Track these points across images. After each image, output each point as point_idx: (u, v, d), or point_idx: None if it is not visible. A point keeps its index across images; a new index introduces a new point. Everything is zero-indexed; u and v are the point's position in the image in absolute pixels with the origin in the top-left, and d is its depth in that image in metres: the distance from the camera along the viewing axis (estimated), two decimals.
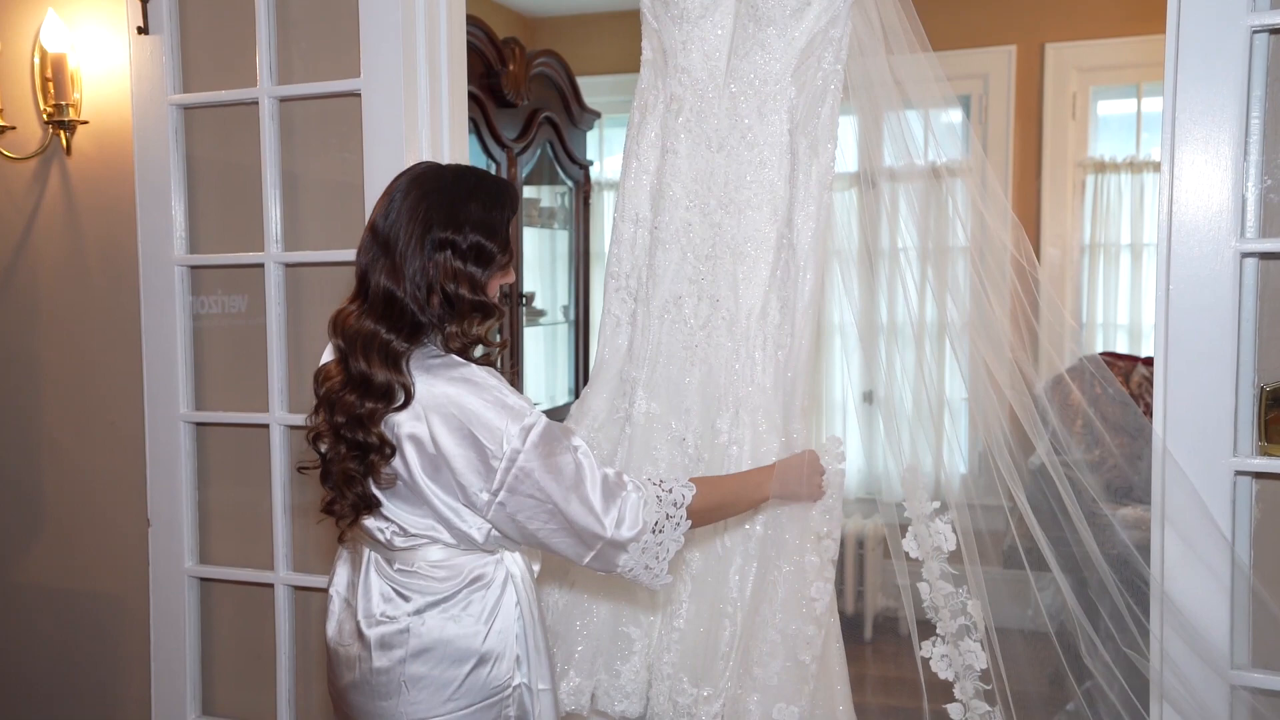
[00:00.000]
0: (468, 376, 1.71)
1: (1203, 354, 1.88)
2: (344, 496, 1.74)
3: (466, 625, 1.76)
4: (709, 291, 2.07)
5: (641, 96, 2.17)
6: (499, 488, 1.68)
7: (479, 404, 1.68)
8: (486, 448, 1.67)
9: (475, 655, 1.76)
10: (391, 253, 1.70)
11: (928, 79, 2.02)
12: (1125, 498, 1.99)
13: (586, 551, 1.74)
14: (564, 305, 4.81)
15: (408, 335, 1.70)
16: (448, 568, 1.77)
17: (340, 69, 2.46)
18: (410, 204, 1.72)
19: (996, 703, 1.94)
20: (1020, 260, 1.98)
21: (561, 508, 1.70)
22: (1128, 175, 4.78)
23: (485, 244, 1.72)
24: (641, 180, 2.16)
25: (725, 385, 2.05)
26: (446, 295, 1.71)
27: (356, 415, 1.69)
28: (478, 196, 1.75)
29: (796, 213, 2.02)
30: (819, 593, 1.91)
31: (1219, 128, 1.85)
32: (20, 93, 2.77)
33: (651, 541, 1.76)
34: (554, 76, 4.45)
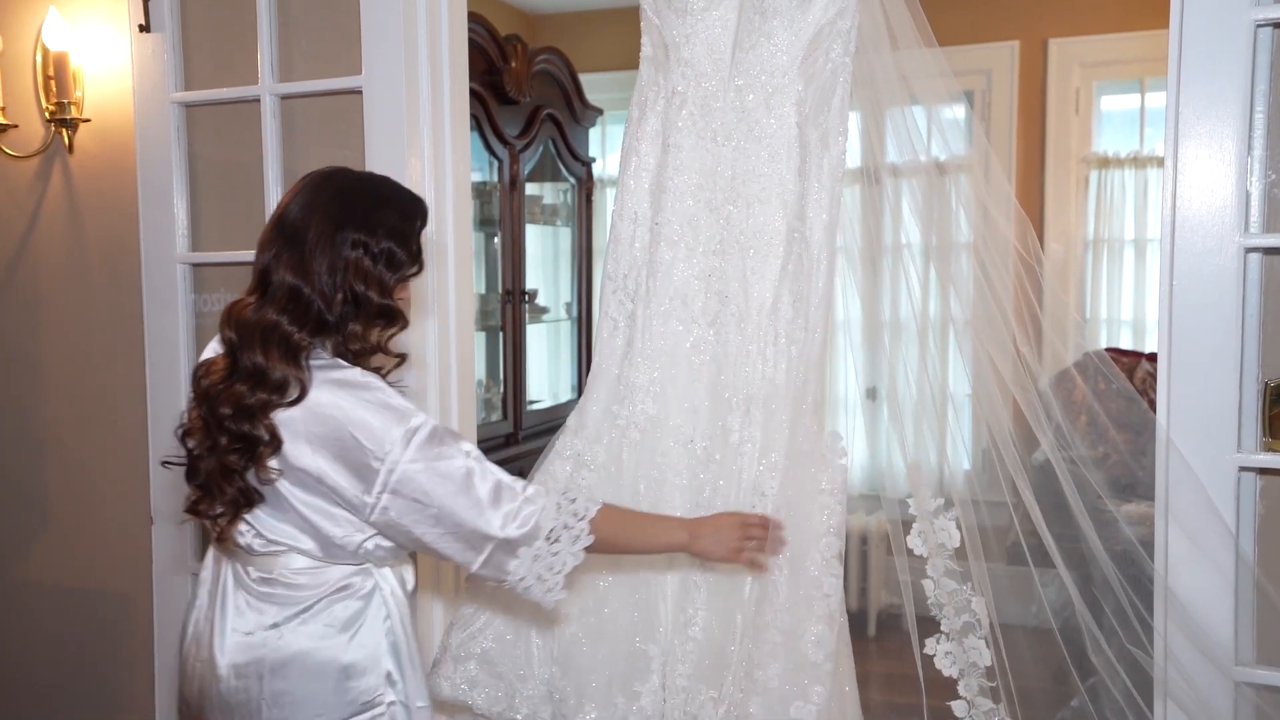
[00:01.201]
0: (349, 379, 1.68)
1: (1206, 350, 1.88)
2: (222, 492, 1.67)
3: (326, 637, 1.71)
4: (717, 287, 2.04)
5: (641, 93, 2.14)
6: (381, 490, 1.64)
7: (360, 406, 1.65)
8: (368, 449, 1.63)
9: (338, 668, 1.70)
10: (299, 247, 1.67)
11: (932, 74, 2.01)
12: (1129, 494, 1.98)
13: (476, 556, 1.69)
14: (566, 302, 4.80)
15: (310, 331, 1.68)
16: (309, 576, 1.72)
17: (341, 66, 2.46)
18: (323, 200, 1.70)
19: (1001, 699, 1.94)
20: (1024, 254, 1.97)
21: (449, 510, 1.65)
22: (1131, 170, 4.77)
23: (397, 251, 1.71)
24: (641, 177, 2.13)
25: (735, 383, 2.02)
26: (354, 296, 1.68)
27: (245, 405, 1.64)
28: (393, 204, 1.74)
29: (809, 206, 2.00)
30: (831, 589, 1.89)
31: (1222, 122, 1.85)
32: (22, 91, 2.77)
33: (545, 549, 1.70)
34: (556, 73, 4.44)
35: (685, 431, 2.06)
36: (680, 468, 2.05)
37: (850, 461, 2.03)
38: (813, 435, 1.99)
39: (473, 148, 3.28)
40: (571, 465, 2.11)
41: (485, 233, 4.10)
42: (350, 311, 1.70)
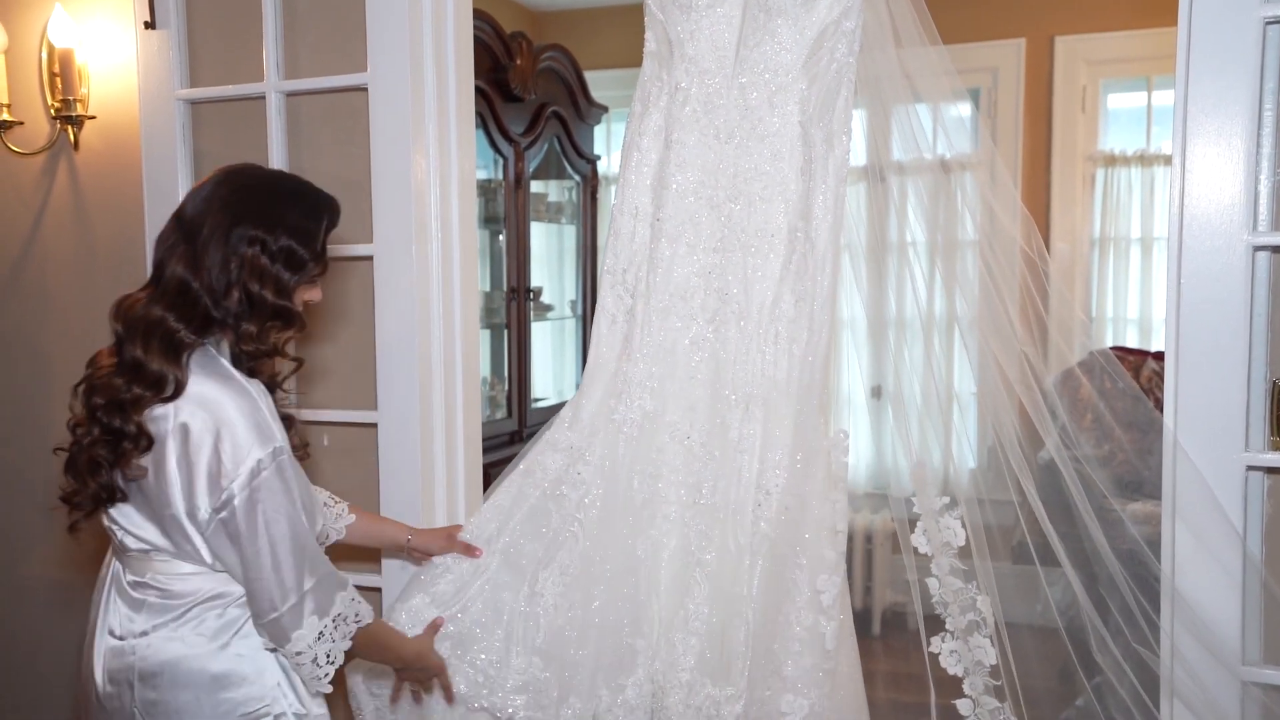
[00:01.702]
0: (239, 380, 1.67)
1: (1214, 348, 1.87)
2: (85, 485, 1.66)
3: (196, 645, 1.67)
4: (717, 285, 2.04)
5: (643, 88, 2.13)
6: (221, 507, 1.62)
7: (236, 414, 1.63)
8: (224, 465, 1.61)
9: (208, 677, 1.67)
10: (193, 241, 1.64)
11: (937, 72, 2.01)
12: (1135, 493, 1.98)
13: (271, 610, 1.65)
14: (571, 300, 4.81)
15: (197, 328, 1.65)
16: (182, 582, 1.69)
17: (347, 63, 2.45)
18: (223, 194, 1.67)
19: (1006, 698, 1.93)
20: (1030, 253, 1.97)
21: (274, 550, 1.63)
22: (1138, 169, 4.76)
23: (298, 250, 1.68)
24: (643, 173, 2.12)
25: (735, 380, 2.02)
26: (248, 294, 1.66)
27: (119, 400, 1.62)
28: (297, 202, 1.72)
29: (815, 206, 2.00)
30: (825, 585, 1.89)
31: (1231, 120, 1.84)
32: (28, 88, 2.77)
33: (330, 630, 1.68)
34: (561, 71, 4.44)
35: (682, 428, 2.05)
36: (676, 464, 2.05)
37: (855, 460, 2.03)
38: (820, 433, 1.99)
39: (478, 145, 3.28)
40: (565, 458, 2.11)
41: (490, 230, 4.10)
42: (245, 311, 1.67)
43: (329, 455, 2.57)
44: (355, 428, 2.51)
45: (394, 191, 2.37)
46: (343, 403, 2.52)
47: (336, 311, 2.53)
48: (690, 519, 2.01)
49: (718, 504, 1.99)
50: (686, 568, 2.01)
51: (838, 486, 1.96)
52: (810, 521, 1.93)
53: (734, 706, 1.91)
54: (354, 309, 2.50)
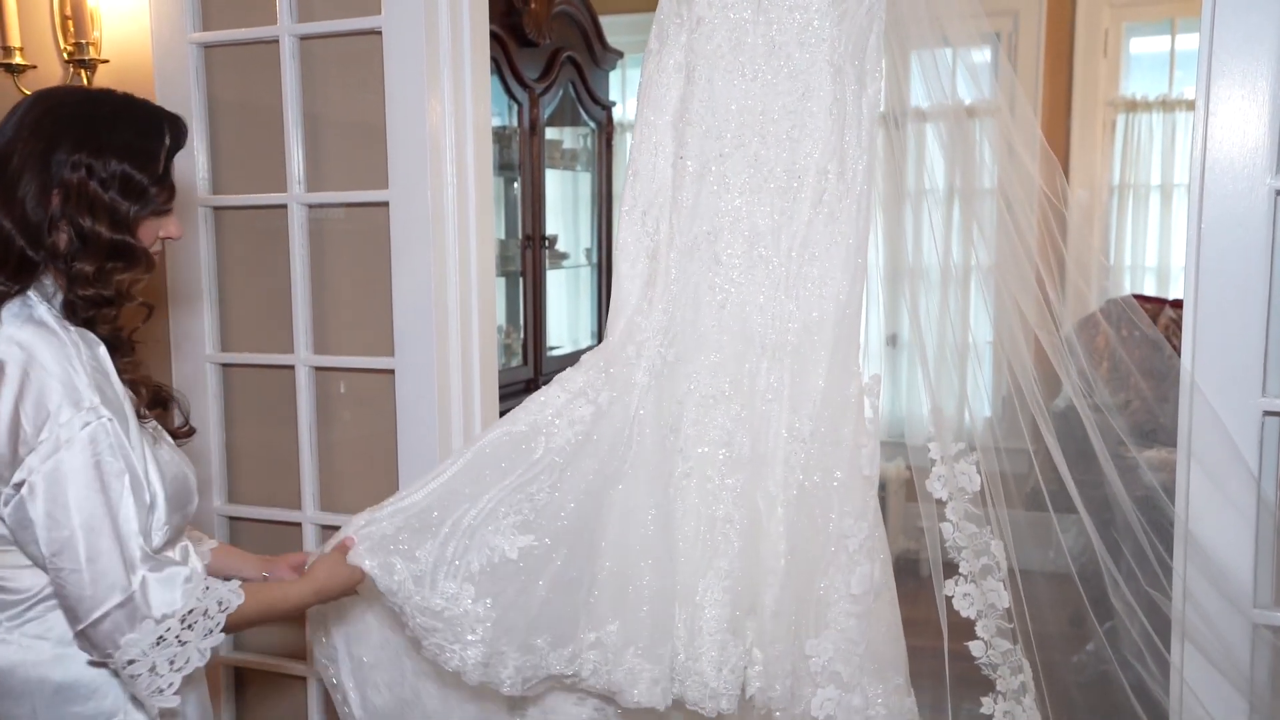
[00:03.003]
0: (56, 330, 1.43)
1: (1234, 293, 1.86)
2: None
3: (37, 650, 1.44)
4: (744, 227, 1.97)
5: (660, 24, 2.05)
6: (22, 482, 1.38)
7: (47, 370, 1.39)
8: (23, 429, 1.37)
9: (50, 687, 1.44)
10: (3, 172, 1.42)
11: (964, 15, 1.96)
12: (1151, 440, 1.98)
13: (91, 610, 1.37)
14: (586, 248, 4.79)
15: (12, 273, 1.43)
16: (20, 575, 1.46)
17: (360, 6, 2.43)
18: (34, 117, 1.45)
19: (1018, 641, 1.95)
20: (1052, 197, 1.95)
21: (89, 537, 1.37)
22: (1159, 114, 4.70)
23: (134, 174, 1.46)
24: (662, 110, 2.04)
25: (761, 326, 1.96)
26: (79, 230, 1.43)
27: None
28: (127, 119, 1.49)
29: (848, 146, 1.93)
30: (852, 530, 1.86)
31: (1257, 61, 1.81)
32: (40, 31, 2.76)
33: (175, 632, 1.40)
34: (576, 15, 4.39)
35: (704, 378, 1.99)
36: (697, 416, 1.99)
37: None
38: (854, 378, 1.95)
39: (492, 91, 3.26)
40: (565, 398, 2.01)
41: (505, 178, 4.09)
42: (76, 249, 1.44)
43: (346, 402, 2.59)
44: (372, 374, 2.53)
45: (409, 137, 2.36)
46: (360, 349, 2.54)
47: (352, 256, 2.54)
48: (716, 474, 1.95)
49: (746, 457, 1.94)
50: (713, 525, 1.94)
51: (869, 432, 1.93)
52: (843, 467, 1.89)
53: (782, 665, 1.87)
54: (370, 255, 2.50)
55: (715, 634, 1.90)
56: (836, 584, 1.87)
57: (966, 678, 2.00)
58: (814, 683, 1.84)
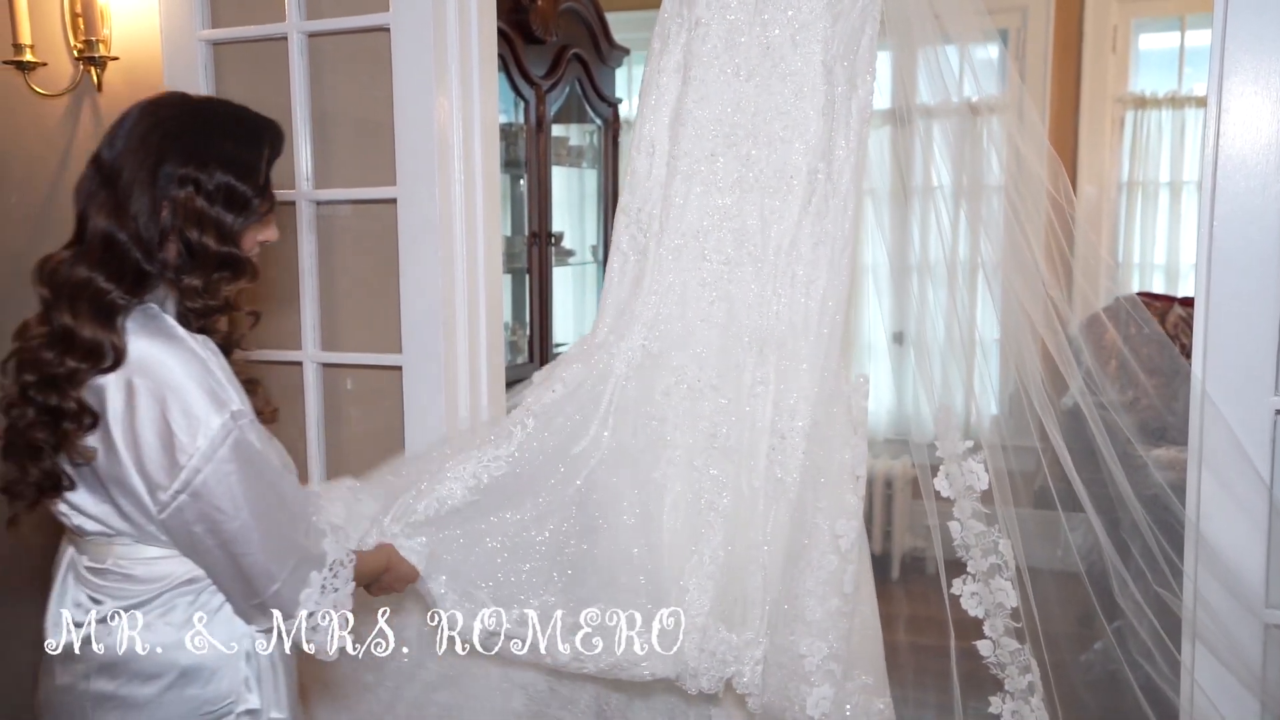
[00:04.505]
0: (186, 340, 1.48)
1: (1245, 291, 1.85)
2: (25, 473, 1.47)
3: (163, 634, 1.51)
4: (733, 225, 2.00)
5: (663, 25, 2.08)
6: (181, 490, 1.43)
7: (184, 378, 1.44)
8: (178, 438, 1.42)
9: (175, 670, 1.51)
10: (114, 187, 1.45)
11: (967, 12, 1.96)
12: (1159, 439, 1.97)
13: (271, 581, 1.49)
14: (592, 245, 4.79)
15: (130, 287, 1.46)
16: (148, 565, 1.52)
17: (369, 3, 2.43)
18: (141, 131, 1.47)
19: (1026, 640, 1.95)
20: (1056, 196, 1.94)
21: (258, 518, 1.46)
22: (1169, 111, 4.68)
23: (238, 186, 1.48)
24: (661, 111, 2.07)
25: (749, 323, 1.99)
26: (187, 243, 1.46)
27: (52, 375, 1.43)
28: (229, 130, 1.51)
29: (837, 146, 1.96)
30: (843, 529, 1.88)
31: (1270, 58, 1.80)
32: (51, 28, 2.76)
33: (329, 580, 1.54)
34: (582, 12, 4.38)
35: (690, 371, 2.00)
36: (684, 408, 2.00)
37: (875, 406, 2.01)
38: (841, 377, 1.97)
39: (499, 88, 3.25)
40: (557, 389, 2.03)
41: (511, 174, 4.08)
42: (185, 262, 1.48)
43: (353, 398, 2.59)
44: (380, 371, 2.53)
45: (417, 134, 2.36)
46: (367, 345, 2.54)
47: (360, 253, 2.53)
48: (702, 464, 1.98)
49: (731, 447, 1.97)
50: (698, 512, 1.97)
51: (858, 431, 1.94)
52: (830, 466, 1.91)
53: (754, 651, 1.91)
54: (377, 252, 2.50)
55: (697, 617, 1.93)
56: (825, 582, 1.88)
57: (974, 677, 2.00)
58: (808, 681, 1.85)
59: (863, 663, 1.92)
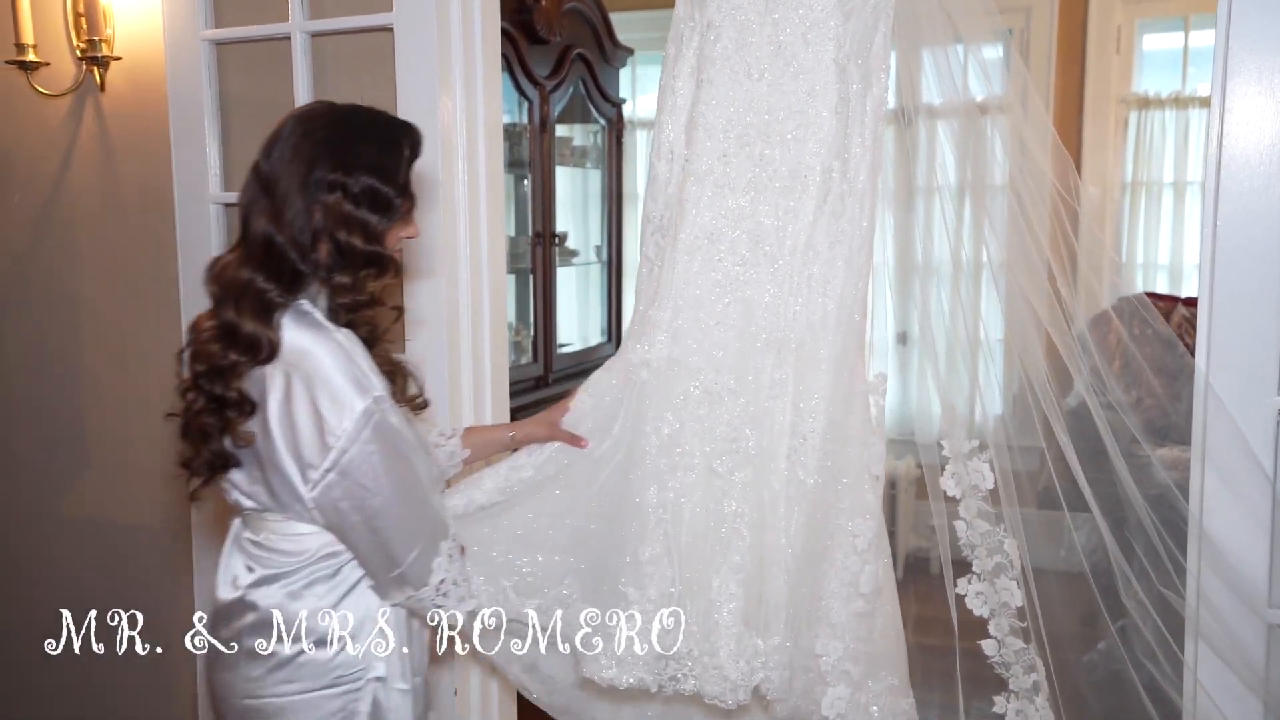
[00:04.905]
0: (331, 332, 1.63)
1: (1249, 292, 1.85)
2: (197, 454, 1.65)
3: (307, 602, 1.68)
4: (748, 226, 1.98)
5: (677, 28, 2.07)
6: (330, 469, 1.59)
7: (331, 368, 1.59)
8: (326, 421, 1.57)
9: (314, 635, 1.67)
10: (272, 194, 1.60)
11: (977, 11, 1.96)
12: (1163, 438, 1.97)
13: (407, 552, 1.65)
14: (596, 245, 4.79)
15: (287, 286, 1.61)
16: (293, 541, 1.69)
17: (373, 3, 2.43)
18: (294, 141, 1.61)
19: (1031, 640, 1.94)
20: (1064, 192, 1.94)
21: (399, 495, 1.62)
22: (1172, 111, 4.68)
23: (381, 188, 1.61)
24: (677, 116, 2.07)
25: (766, 324, 1.97)
26: (337, 244, 1.60)
27: (218, 367, 1.60)
28: (371, 137, 1.64)
29: (852, 144, 1.94)
30: (861, 529, 1.87)
31: (1274, 57, 1.80)
32: (53, 28, 2.77)
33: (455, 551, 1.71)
34: (586, 12, 4.38)
35: (707, 374, 1.99)
36: (701, 413, 1.98)
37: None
38: (859, 376, 1.95)
39: (503, 88, 3.25)
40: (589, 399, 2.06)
41: (515, 175, 4.08)
42: (336, 261, 1.61)
43: None
44: None
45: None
46: None
47: None
48: (723, 468, 1.96)
49: (753, 451, 1.95)
50: (723, 519, 1.95)
51: (876, 430, 1.94)
52: (850, 466, 1.90)
53: (780, 656, 1.89)
54: None
55: (732, 627, 1.90)
56: (846, 582, 1.87)
57: (978, 676, 2.00)
58: (824, 681, 1.84)
59: (889, 664, 1.91)
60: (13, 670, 3.07)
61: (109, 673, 2.90)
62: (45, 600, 3.01)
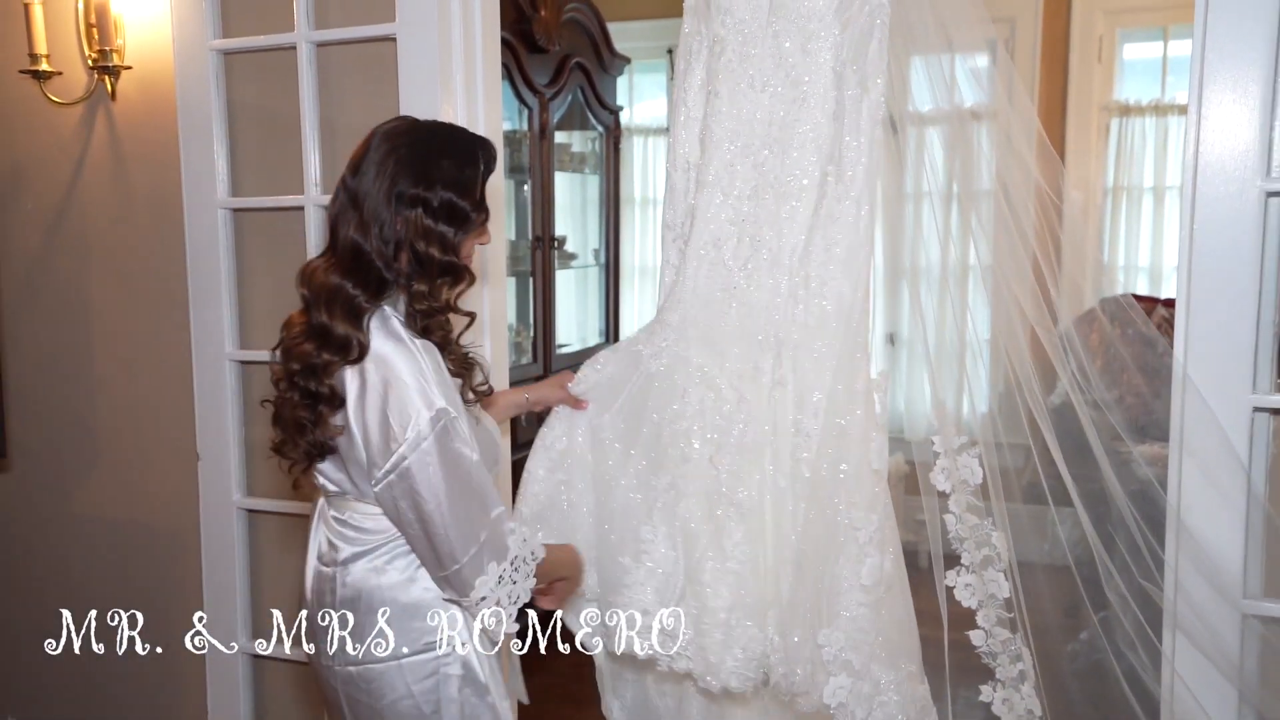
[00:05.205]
0: (408, 344, 1.69)
1: (1225, 293, 1.86)
2: (295, 445, 1.73)
3: (390, 576, 1.75)
4: (750, 231, 2.01)
5: (686, 43, 2.11)
6: (390, 470, 1.66)
7: (406, 376, 1.65)
8: (392, 428, 1.64)
9: (396, 605, 1.74)
10: (360, 207, 1.67)
11: (970, 20, 1.96)
12: (1145, 435, 1.98)
13: (452, 561, 1.69)
14: (595, 249, 4.79)
15: (374, 292, 1.68)
16: (375, 520, 1.76)
17: (376, 14, 2.44)
18: (379, 158, 1.68)
19: (1017, 630, 1.95)
20: (1050, 194, 1.94)
21: (450, 503, 1.66)
22: (1152, 118, 4.69)
23: (458, 202, 1.68)
24: (690, 128, 2.11)
25: (767, 326, 2.00)
26: (416, 254, 1.67)
27: (312, 365, 1.68)
28: (450, 153, 1.70)
29: (847, 151, 1.95)
30: (862, 522, 1.88)
31: (1248, 66, 1.81)
32: (66, 39, 2.77)
33: (509, 574, 1.73)
34: (585, 22, 4.39)
35: (708, 371, 2.03)
36: (703, 409, 2.02)
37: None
38: (862, 374, 1.95)
39: (503, 96, 3.26)
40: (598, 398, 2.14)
41: (515, 180, 4.09)
42: (415, 270, 1.69)
43: None
44: None
45: None
46: None
47: None
48: (720, 461, 1.99)
49: (749, 445, 1.97)
50: (717, 508, 1.99)
51: (877, 427, 1.95)
52: (853, 461, 1.91)
53: (803, 651, 1.89)
54: None
55: (721, 613, 1.93)
56: (846, 574, 1.87)
57: (965, 666, 2.00)
58: (827, 671, 1.85)
59: (906, 651, 1.92)
60: (23, 665, 3.07)
61: (115, 669, 2.91)
62: (49, 598, 3.02)
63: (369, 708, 1.77)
